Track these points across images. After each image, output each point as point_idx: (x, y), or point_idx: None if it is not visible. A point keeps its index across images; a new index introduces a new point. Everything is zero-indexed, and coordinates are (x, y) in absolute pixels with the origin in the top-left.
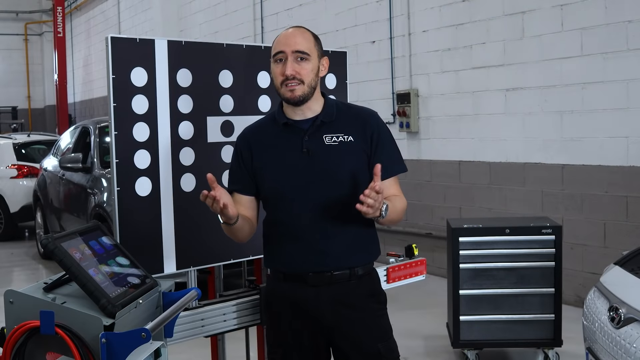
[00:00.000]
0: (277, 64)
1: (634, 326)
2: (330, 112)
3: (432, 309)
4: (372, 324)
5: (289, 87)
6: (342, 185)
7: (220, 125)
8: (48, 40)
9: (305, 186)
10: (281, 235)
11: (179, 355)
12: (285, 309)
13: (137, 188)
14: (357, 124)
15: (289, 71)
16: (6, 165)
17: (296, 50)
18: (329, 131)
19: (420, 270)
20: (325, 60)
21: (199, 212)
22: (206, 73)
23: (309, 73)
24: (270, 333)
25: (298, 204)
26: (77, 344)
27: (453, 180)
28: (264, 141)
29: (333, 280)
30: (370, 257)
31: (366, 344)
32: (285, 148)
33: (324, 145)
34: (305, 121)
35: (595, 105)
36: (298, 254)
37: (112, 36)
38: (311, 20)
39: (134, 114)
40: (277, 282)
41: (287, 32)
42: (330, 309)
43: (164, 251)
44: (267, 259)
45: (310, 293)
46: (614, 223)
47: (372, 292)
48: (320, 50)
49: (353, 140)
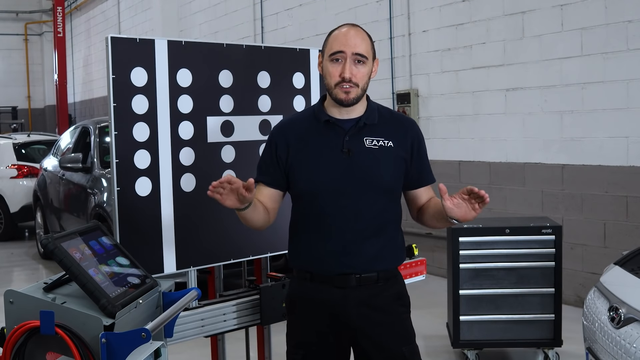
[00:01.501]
0: (333, 63)
1: (634, 326)
2: (372, 115)
3: (432, 309)
4: (398, 327)
5: (344, 89)
6: (378, 188)
7: (220, 125)
8: (48, 40)
9: (341, 186)
10: (311, 235)
11: (179, 355)
12: (311, 309)
13: (137, 188)
14: (398, 130)
15: (347, 74)
16: (6, 165)
17: (356, 53)
18: (370, 134)
19: (420, 270)
20: (376, 62)
21: (199, 212)
22: (206, 73)
23: (364, 77)
24: (292, 333)
25: (332, 204)
26: (77, 344)
27: (453, 180)
28: (303, 136)
29: (361, 282)
30: (398, 261)
31: (391, 347)
32: (324, 146)
33: (364, 147)
34: (348, 121)
35: (595, 105)
36: (328, 255)
37: (112, 36)
38: (311, 20)
39: (134, 114)
40: (303, 281)
41: (347, 32)
42: (357, 311)
43: (164, 251)
44: (294, 257)
45: (337, 294)
46: (614, 223)
47: (398, 295)
48: (374, 52)
49: (393, 146)
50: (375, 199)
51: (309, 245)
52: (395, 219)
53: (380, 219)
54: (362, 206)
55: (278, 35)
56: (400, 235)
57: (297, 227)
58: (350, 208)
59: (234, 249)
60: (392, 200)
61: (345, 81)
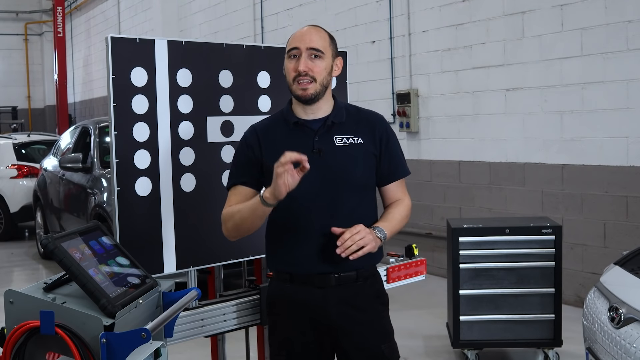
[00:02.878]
0: (290, 59)
1: (634, 326)
2: (340, 113)
3: (432, 309)
4: (377, 325)
5: (301, 85)
6: (351, 185)
7: (220, 125)
8: (48, 40)
9: (315, 186)
10: (288, 236)
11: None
12: (291, 310)
13: (137, 188)
14: (366, 126)
15: (302, 67)
16: (6, 165)
17: (311, 48)
18: (339, 132)
19: (420, 270)
20: (339, 61)
21: (199, 212)
22: (206, 73)
23: (322, 71)
24: (273, 335)
25: (306, 204)
26: (77, 344)
27: (453, 180)
28: (274, 140)
29: (340, 281)
30: (376, 259)
31: (370, 345)
32: (295, 147)
33: (335, 146)
34: (316, 121)
35: (595, 105)
36: (306, 255)
37: (112, 36)
38: (311, 20)
39: (134, 114)
40: (282, 283)
41: (302, 30)
42: (337, 310)
43: (164, 251)
44: (272, 260)
45: (317, 294)
46: (614, 223)
47: (377, 294)
48: (334, 50)
49: (363, 143)
50: (349, 196)
51: (287, 246)
52: (371, 215)
53: (355, 216)
54: (338, 204)
55: (278, 35)
56: None
57: (273, 229)
58: (326, 207)
59: (234, 249)
60: (367, 197)
61: (301, 75)
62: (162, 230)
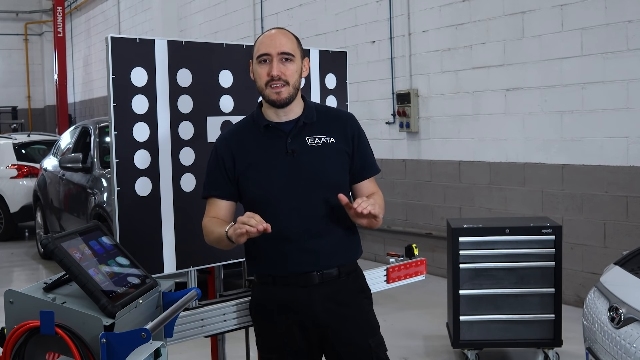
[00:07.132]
0: (261, 64)
1: (634, 326)
2: (311, 113)
3: (432, 309)
4: (363, 320)
5: (275, 89)
6: (326, 185)
7: (220, 125)
8: (48, 40)
9: (291, 188)
10: (267, 239)
11: (179, 355)
12: (277, 312)
13: (137, 188)
14: (337, 125)
15: (275, 71)
16: (6, 165)
17: (282, 52)
18: (311, 133)
19: (420, 270)
20: (306, 62)
21: (199, 212)
22: (206, 73)
23: (293, 74)
24: (261, 338)
25: (284, 206)
26: (77, 344)
27: (453, 180)
28: (246, 145)
29: (323, 279)
30: (356, 254)
31: (358, 340)
32: (268, 150)
33: (307, 146)
34: (287, 123)
35: (595, 105)
36: (287, 256)
37: (112, 36)
38: (311, 20)
39: (134, 114)
40: (266, 286)
41: (270, 34)
42: (322, 307)
43: (164, 251)
44: (253, 264)
45: (302, 294)
46: (614, 223)
47: (361, 288)
48: (302, 51)
49: (335, 141)
50: (325, 195)
51: (267, 249)
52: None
53: (332, 214)
54: (314, 204)
55: None
56: (355, 228)
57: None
58: (302, 207)
59: (234, 248)
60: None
61: (275, 79)
62: (162, 230)
